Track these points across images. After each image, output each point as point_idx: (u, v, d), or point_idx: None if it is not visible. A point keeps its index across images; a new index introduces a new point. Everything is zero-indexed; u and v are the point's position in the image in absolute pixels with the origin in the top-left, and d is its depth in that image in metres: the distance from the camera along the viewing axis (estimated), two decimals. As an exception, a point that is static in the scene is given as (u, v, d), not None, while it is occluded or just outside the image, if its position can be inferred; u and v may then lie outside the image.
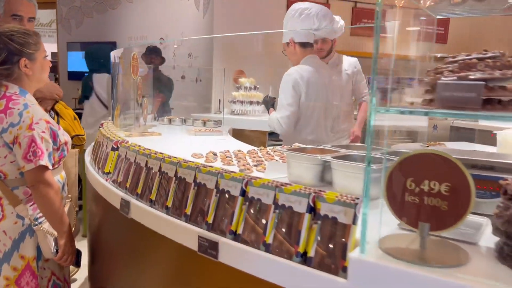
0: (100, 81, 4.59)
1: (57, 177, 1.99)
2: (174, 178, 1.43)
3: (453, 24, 6.00)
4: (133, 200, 1.56)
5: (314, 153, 1.57)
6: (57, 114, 2.90)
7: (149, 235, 1.47)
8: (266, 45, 4.92)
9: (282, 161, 1.85)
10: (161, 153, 1.59)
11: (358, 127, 3.80)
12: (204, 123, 3.47)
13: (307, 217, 1.07)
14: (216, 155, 1.96)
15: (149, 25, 5.79)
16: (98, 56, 4.60)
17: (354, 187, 1.38)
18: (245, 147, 2.40)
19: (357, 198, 1.02)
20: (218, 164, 1.76)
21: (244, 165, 1.72)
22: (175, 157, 1.50)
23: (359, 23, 5.59)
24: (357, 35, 5.55)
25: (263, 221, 1.15)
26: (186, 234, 1.29)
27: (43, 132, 1.82)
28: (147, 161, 1.58)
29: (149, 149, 1.68)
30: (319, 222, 1.05)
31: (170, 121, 3.56)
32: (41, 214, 1.88)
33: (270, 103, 3.19)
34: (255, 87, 4.59)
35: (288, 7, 5.19)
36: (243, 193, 1.22)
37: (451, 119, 5.71)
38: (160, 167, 1.50)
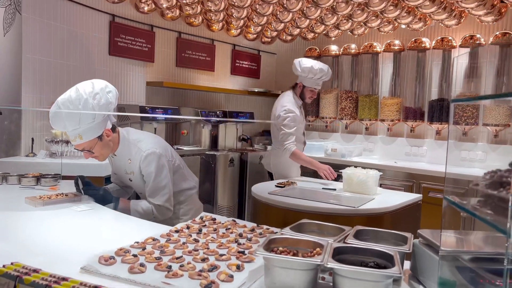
0: None
1: None
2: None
3: (262, 61, 6.43)
4: None
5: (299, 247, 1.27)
6: None
7: None
8: (89, 74, 4.20)
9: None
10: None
11: None
12: (38, 179, 2.64)
13: None
14: (137, 256, 1.40)
15: None
16: None
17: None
18: (137, 227, 1.86)
19: None
20: (155, 277, 1.26)
21: (200, 275, 1.27)
22: None
23: (183, 53, 5.36)
24: (183, 67, 5.33)
25: None
26: None
27: None
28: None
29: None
30: None
31: (-19, 178, 2.59)
32: None
33: (104, 193, 2.35)
34: (82, 124, 3.82)
35: (111, 30, 4.56)
36: None
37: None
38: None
